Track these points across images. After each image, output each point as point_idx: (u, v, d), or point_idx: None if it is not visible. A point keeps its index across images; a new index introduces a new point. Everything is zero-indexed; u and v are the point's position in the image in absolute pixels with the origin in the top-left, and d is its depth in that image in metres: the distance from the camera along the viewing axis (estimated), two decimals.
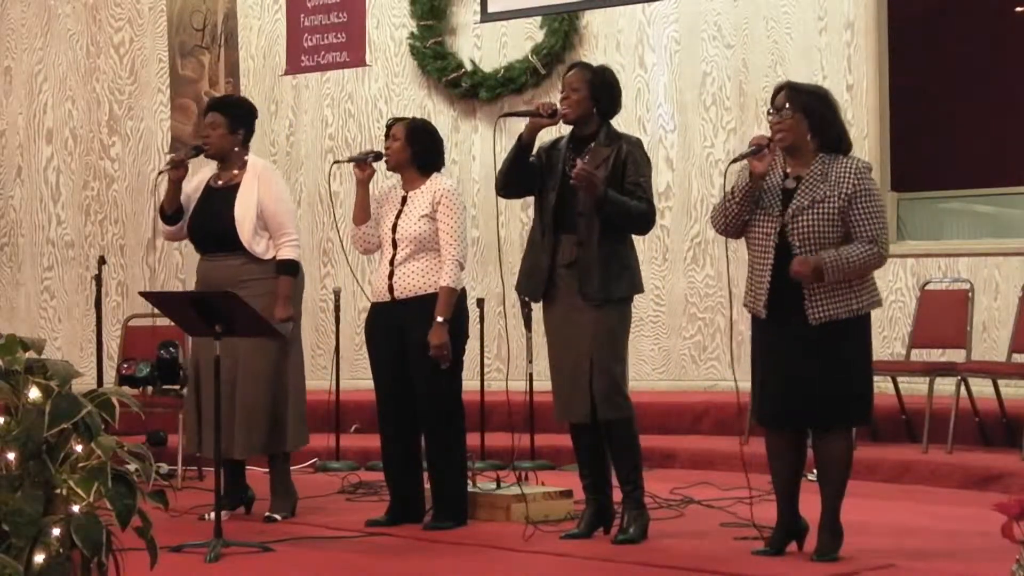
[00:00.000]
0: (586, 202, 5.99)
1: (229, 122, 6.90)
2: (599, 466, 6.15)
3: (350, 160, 6.82)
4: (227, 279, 6.66)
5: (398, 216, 6.57)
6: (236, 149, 6.90)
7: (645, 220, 6.10)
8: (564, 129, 6.28)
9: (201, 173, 7.05)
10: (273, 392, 6.71)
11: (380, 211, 6.67)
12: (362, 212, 6.68)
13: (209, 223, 6.84)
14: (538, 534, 6.16)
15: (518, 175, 6.18)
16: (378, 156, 6.72)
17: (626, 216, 6.00)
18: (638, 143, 6.19)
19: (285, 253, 6.77)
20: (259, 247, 6.76)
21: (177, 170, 6.85)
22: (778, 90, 5.68)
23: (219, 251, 6.81)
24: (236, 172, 6.89)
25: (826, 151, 5.59)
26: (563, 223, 6.07)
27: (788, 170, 5.62)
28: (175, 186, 6.88)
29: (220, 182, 6.91)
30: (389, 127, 6.74)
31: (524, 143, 6.12)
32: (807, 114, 5.56)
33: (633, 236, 6.20)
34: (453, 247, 6.47)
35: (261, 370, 6.69)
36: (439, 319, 6.37)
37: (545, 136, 6.29)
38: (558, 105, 6.13)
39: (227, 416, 6.63)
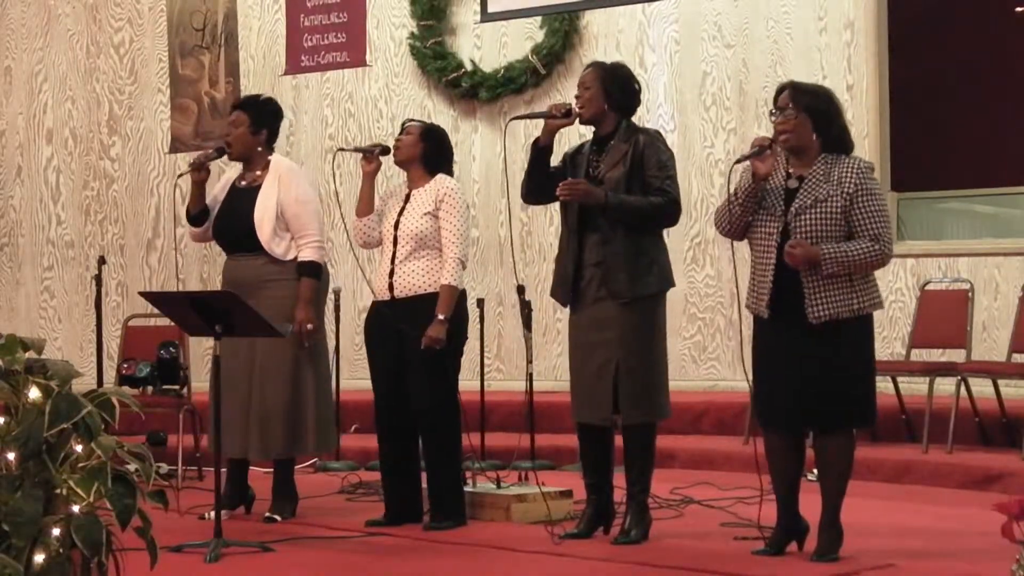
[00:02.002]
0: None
1: (252, 121, 6.85)
2: (604, 467, 6.14)
3: (356, 150, 6.82)
4: (249, 280, 6.64)
5: (401, 213, 6.57)
6: (259, 149, 6.85)
7: (663, 214, 5.99)
8: (588, 133, 6.24)
9: (228, 173, 7.03)
10: (292, 394, 6.67)
11: (384, 207, 6.67)
12: (366, 204, 6.67)
13: (231, 224, 6.81)
14: (537, 534, 6.16)
15: (539, 180, 6.12)
16: (385, 150, 6.71)
17: (637, 216, 5.94)
18: (656, 135, 6.14)
19: (306, 254, 6.72)
20: (279, 248, 6.72)
21: (199, 172, 6.82)
22: (780, 90, 5.67)
23: (242, 252, 6.78)
24: (259, 173, 6.84)
25: (829, 151, 5.59)
26: (588, 224, 6.01)
27: (791, 170, 5.61)
28: (198, 188, 6.84)
29: (244, 183, 6.89)
30: (404, 125, 6.74)
31: (541, 146, 6.09)
32: (811, 114, 5.56)
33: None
34: (455, 246, 6.46)
35: (280, 371, 6.65)
36: (440, 316, 6.37)
37: (561, 140, 6.26)
38: (573, 105, 6.12)
39: (242, 417, 6.63)
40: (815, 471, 5.85)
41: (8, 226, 11.00)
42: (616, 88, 6.09)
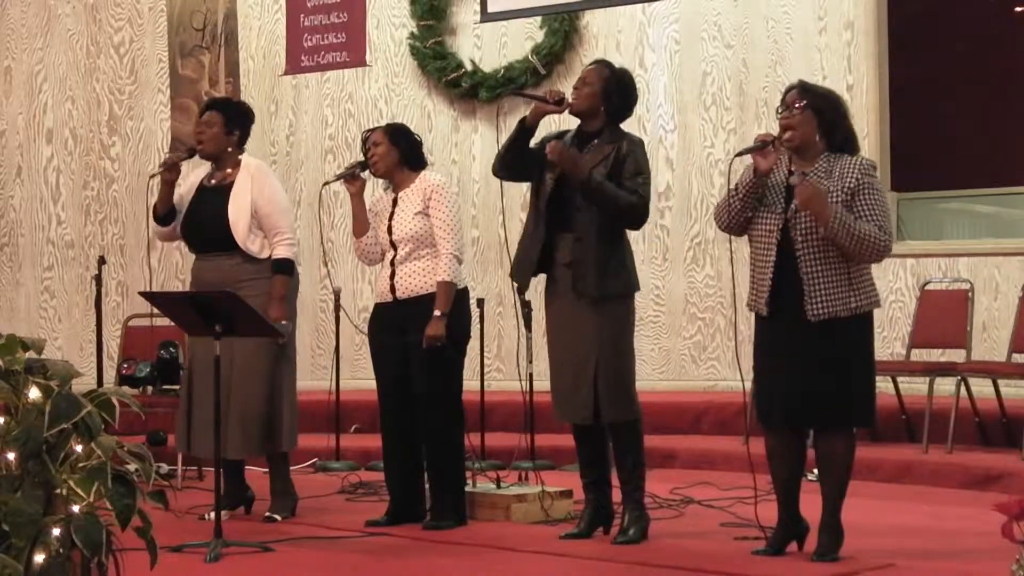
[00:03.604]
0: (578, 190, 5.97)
1: (225, 122, 6.86)
2: (600, 466, 6.15)
3: (338, 178, 6.80)
4: (223, 279, 6.64)
5: (391, 218, 6.58)
6: (230, 150, 6.87)
7: (634, 211, 6.03)
8: (574, 124, 6.26)
9: (194, 174, 7.04)
10: (269, 392, 6.70)
11: (376, 220, 6.68)
12: (361, 224, 6.68)
13: (203, 223, 6.83)
14: (538, 534, 6.16)
15: (515, 158, 6.15)
16: (364, 166, 6.70)
17: (612, 203, 5.96)
18: (640, 143, 6.17)
19: (280, 252, 6.74)
20: (254, 246, 6.74)
21: (171, 171, 6.84)
22: (790, 88, 5.69)
23: (214, 251, 6.79)
24: (230, 171, 6.86)
25: (831, 152, 5.59)
26: (561, 221, 6.04)
27: (793, 168, 5.62)
28: (168, 188, 6.88)
29: (213, 181, 6.90)
30: (365, 139, 6.75)
31: (526, 126, 6.10)
32: (817, 113, 5.56)
33: (631, 236, 6.19)
34: (448, 241, 6.47)
35: (258, 370, 6.67)
36: (437, 313, 6.38)
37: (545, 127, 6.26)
38: (567, 95, 6.13)
39: (223, 416, 6.63)
40: (815, 471, 5.84)
41: (8, 226, 10.99)
42: (617, 94, 6.12)
